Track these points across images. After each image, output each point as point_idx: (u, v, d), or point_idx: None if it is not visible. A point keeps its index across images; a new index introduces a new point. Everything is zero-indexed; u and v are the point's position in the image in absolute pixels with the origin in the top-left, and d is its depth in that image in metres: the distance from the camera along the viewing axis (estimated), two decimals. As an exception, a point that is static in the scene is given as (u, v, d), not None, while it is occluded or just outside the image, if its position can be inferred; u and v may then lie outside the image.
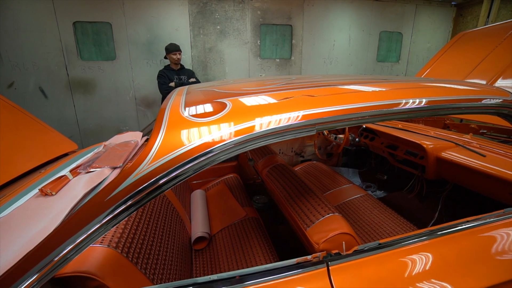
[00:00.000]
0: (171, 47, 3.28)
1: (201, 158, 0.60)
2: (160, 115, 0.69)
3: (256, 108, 0.67)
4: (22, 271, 0.55)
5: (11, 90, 3.63)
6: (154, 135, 0.62)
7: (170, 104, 0.76)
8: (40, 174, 1.39)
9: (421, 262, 0.79)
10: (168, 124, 0.65)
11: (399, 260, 0.78)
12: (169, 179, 0.59)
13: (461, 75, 2.63)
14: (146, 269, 0.91)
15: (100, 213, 0.57)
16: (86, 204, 0.59)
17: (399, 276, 0.74)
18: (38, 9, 3.48)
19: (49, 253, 0.56)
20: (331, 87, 0.83)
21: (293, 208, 1.10)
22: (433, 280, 0.75)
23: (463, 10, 5.34)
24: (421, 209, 2.00)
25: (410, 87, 0.85)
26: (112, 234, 0.87)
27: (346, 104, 0.72)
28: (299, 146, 2.67)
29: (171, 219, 1.34)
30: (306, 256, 0.76)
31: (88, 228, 0.56)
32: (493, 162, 1.46)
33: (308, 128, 0.67)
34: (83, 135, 4.04)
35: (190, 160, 0.60)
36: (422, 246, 0.82)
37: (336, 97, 0.73)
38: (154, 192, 0.59)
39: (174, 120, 0.66)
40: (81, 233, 0.56)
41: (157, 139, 0.62)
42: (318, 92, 0.77)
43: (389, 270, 0.75)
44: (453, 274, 0.77)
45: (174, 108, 0.71)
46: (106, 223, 0.57)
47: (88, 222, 0.56)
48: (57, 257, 0.56)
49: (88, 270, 0.71)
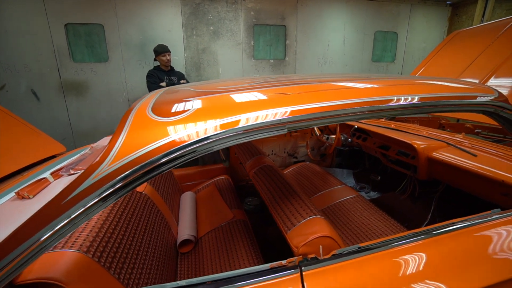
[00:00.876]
0: (159, 48, 3.17)
1: (164, 159, 0.58)
2: (125, 116, 0.67)
3: (224, 107, 0.65)
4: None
5: (3, 92, 3.61)
6: (116, 135, 0.60)
7: (139, 104, 0.74)
8: (20, 177, 1.36)
9: (403, 265, 0.76)
10: (131, 124, 0.62)
11: (379, 264, 0.75)
12: (130, 181, 0.57)
13: (454, 74, 2.61)
14: (120, 274, 0.88)
15: (56, 217, 0.54)
16: (42, 209, 0.56)
17: (379, 281, 0.71)
18: (29, 11, 3.46)
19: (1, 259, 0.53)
20: (306, 85, 0.80)
21: (276, 210, 1.08)
22: (413, 285, 0.72)
23: (458, 9, 5.34)
24: (414, 210, 1.98)
25: (387, 85, 0.82)
26: (84, 238, 0.85)
27: (320, 102, 0.69)
28: (292, 147, 2.64)
29: (154, 222, 1.31)
30: (281, 261, 0.73)
31: (42, 233, 0.53)
32: (484, 162, 1.44)
33: (279, 127, 0.64)
34: (76, 137, 4.01)
35: (152, 161, 0.57)
36: (405, 249, 0.79)
37: (309, 95, 0.71)
38: (114, 194, 0.56)
39: (138, 120, 0.64)
40: (34, 239, 0.53)
41: (119, 139, 0.59)
42: (292, 90, 0.74)
43: (368, 275, 0.72)
44: (437, 278, 0.74)
45: (141, 108, 0.69)
46: (62, 228, 0.55)
47: (43, 227, 0.54)
48: (9, 264, 0.53)
49: (53, 276, 0.68)
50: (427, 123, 3.08)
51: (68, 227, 0.55)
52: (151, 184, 1.53)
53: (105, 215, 1.00)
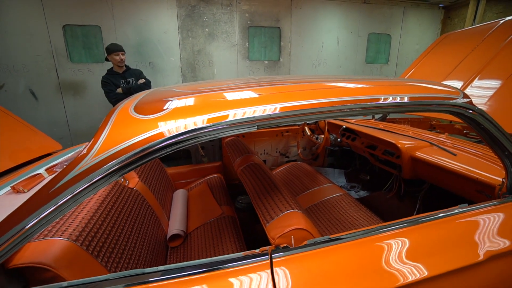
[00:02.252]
0: (112, 46, 2.89)
1: (143, 153, 0.64)
2: (109, 114, 0.73)
3: (199, 106, 0.71)
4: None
5: (2, 92, 3.67)
6: (100, 130, 0.66)
7: (122, 105, 0.80)
8: (16, 173, 1.42)
9: (368, 254, 0.82)
10: (114, 122, 0.68)
11: (345, 253, 0.81)
12: (112, 171, 0.63)
13: (442, 76, 2.68)
14: (108, 262, 0.94)
15: (43, 204, 0.60)
16: (32, 197, 0.62)
17: (342, 268, 0.77)
18: (28, 12, 3.52)
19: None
20: (279, 86, 0.86)
21: (258, 205, 1.14)
22: (374, 272, 0.78)
23: (451, 12, 5.43)
24: (399, 209, 2.04)
25: (353, 86, 0.89)
26: (74, 228, 0.91)
27: (289, 101, 0.75)
28: (284, 147, 2.70)
29: (144, 216, 1.37)
30: (254, 250, 0.79)
31: (31, 218, 0.59)
32: (462, 160, 1.50)
33: (249, 124, 0.70)
34: (73, 136, 4.07)
35: (132, 155, 0.63)
36: (370, 240, 0.84)
37: (279, 95, 0.77)
38: (97, 184, 0.62)
39: (121, 118, 0.70)
40: (22, 225, 0.59)
41: (102, 134, 0.65)
42: (265, 91, 0.81)
43: (332, 263, 0.78)
44: (396, 266, 0.80)
45: (124, 107, 0.75)
46: (50, 214, 0.61)
47: (31, 213, 0.60)
48: (1, 246, 0.59)
49: (43, 261, 0.74)
50: (418, 124, 3.15)
51: (56, 213, 0.61)
52: (143, 181, 1.59)
53: (95, 208, 1.06)
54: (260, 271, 0.72)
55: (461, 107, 0.97)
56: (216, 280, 0.70)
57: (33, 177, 1.31)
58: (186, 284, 0.69)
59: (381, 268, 0.78)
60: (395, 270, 0.78)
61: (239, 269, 0.73)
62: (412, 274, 0.78)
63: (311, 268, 0.75)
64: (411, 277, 0.77)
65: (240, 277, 0.70)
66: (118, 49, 2.92)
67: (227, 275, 0.71)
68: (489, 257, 0.88)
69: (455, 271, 0.83)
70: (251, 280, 0.70)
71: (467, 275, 0.87)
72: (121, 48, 2.95)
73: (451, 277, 0.84)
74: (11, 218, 0.61)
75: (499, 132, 1.01)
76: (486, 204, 1.03)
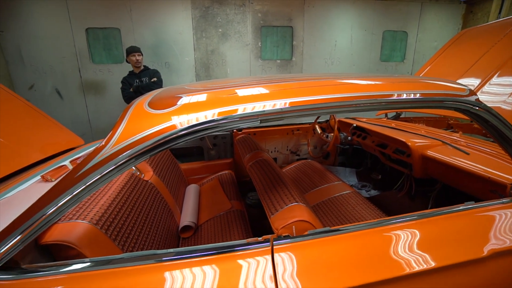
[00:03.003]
0: (129, 48, 3.14)
1: (156, 143, 0.71)
2: (126, 109, 0.81)
3: (206, 102, 0.77)
4: (6, 234, 0.68)
5: (31, 92, 3.95)
6: (118, 124, 0.74)
7: (138, 100, 0.88)
8: (44, 164, 1.57)
9: (366, 246, 0.84)
10: (130, 116, 0.76)
11: (344, 243, 0.84)
12: (128, 159, 0.70)
13: (459, 73, 2.60)
14: (124, 245, 1.03)
15: (70, 187, 0.69)
16: (61, 180, 0.71)
17: (341, 258, 0.81)
18: (55, 18, 3.78)
19: (27, 219, 0.68)
20: (284, 83, 0.91)
21: (264, 198, 1.19)
22: (367, 265, 0.80)
23: (474, 6, 5.19)
24: (410, 208, 2.01)
25: (359, 83, 0.91)
26: (95, 213, 1.00)
27: (290, 97, 0.80)
28: (294, 145, 2.73)
29: (158, 207, 1.46)
30: (256, 237, 0.84)
31: (60, 199, 0.68)
32: (475, 160, 1.47)
33: (252, 118, 0.76)
34: (94, 133, 4.30)
35: (146, 145, 0.70)
36: (370, 233, 0.87)
37: (280, 92, 0.82)
38: (115, 170, 0.70)
39: (136, 112, 0.77)
40: (54, 204, 0.68)
41: (120, 127, 0.73)
42: (270, 88, 0.85)
43: (332, 252, 0.81)
44: (392, 257, 0.82)
45: (139, 103, 0.83)
46: (76, 195, 0.69)
47: (61, 194, 0.68)
48: (35, 223, 0.68)
49: (69, 240, 0.84)
50: (434, 123, 3.07)
51: (81, 195, 0.69)
52: (157, 174, 1.68)
53: (114, 196, 1.16)
54: (260, 256, 0.77)
55: (466, 103, 0.97)
56: (221, 262, 0.76)
57: (59, 168, 1.43)
58: (193, 265, 0.75)
59: (381, 258, 0.81)
60: (395, 260, 0.80)
61: (242, 254, 0.78)
62: (412, 266, 0.80)
63: (310, 256, 0.79)
64: (410, 268, 0.80)
65: (242, 261, 0.76)
66: (135, 50, 3.13)
67: (231, 258, 0.77)
68: (492, 254, 0.88)
69: (456, 265, 0.84)
70: (251, 264, 0.75)
71: (470, 270, 0.88)
72: (138, 50, 3.14)
73: (452, 271, 0.85)
74: (43, 199, 0.70)
75: (507, 128, 1.00)
76: (494, 202, 1.02)
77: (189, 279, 0.72)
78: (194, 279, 0.72)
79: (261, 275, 0.73)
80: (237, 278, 0.73)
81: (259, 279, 0.73)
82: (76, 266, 0.73)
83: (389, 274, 0.78)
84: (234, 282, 0.72)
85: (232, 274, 0.74)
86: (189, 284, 0.71)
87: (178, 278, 0.72)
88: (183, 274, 0.72)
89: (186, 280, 0.71)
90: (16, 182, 1.31)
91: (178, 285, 0.71)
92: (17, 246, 0.68)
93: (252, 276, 0.73)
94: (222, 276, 0.73)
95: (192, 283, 0.71)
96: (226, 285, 0.72)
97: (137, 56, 3.13)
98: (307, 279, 0.74)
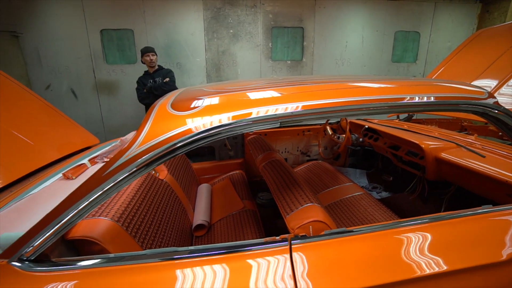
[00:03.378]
0: (144, 49, 3.20)
1: (179, 144, 0.74)
2: (150, 110, 0.84)
3: (227, 104, 0.79)
4: (39, 228, 0.72)
5: (48, 91, 4.08)
6: (143, 124, 0.77)
7: (160, 101, 0.91)
8: (64, 162, 1.63)
9: (382, 246, 0.85)
10: (154, 117, 0.79)
11: (360, 243, 0.85)
12: (153, 160, 0.73)
13: (474, 75, 2.55)
14: (143, 242, 1.06)
15: (99, 184, 0.72)
16: (89, 178, 0.74)
17: (358, 258, 0.82)
18: (71, 20, 3.90)
19: (60, 214, 0.72)
20: (301, 86, 0.92)
21: (279, 198, 1.20)
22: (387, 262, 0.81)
23: (490, 6, 5.06)
24: (422, 210, 1.99)
25: (374, 86, 0.92)
26: (116, 210, 1.04)
27: (310, 100, 0.81)
28: (305, 146, 2.73)
29: (173, 206, 1.49)
30: (274, 237, 0.86)
31: (90, 195, 0.71)
32: (491, 163, 1.45)
33: (272, 121, 0.78)
34: (107, 132, 4.41)
35: (170, 145, 0.73)
36: (385, 234, 0.88)
37: (301, 95, 0.83)
38: (141, 170, 0.73)
39: (160, 114, 0.80)
40: (86, 198, 0.71)
41: (145, 127, 0.76)
42: (287, 90, 0.87)
43: (348, 252, 0.83)
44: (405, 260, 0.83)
45: (162, 104, 0.86)
46: (105, 192, 0.72)
47: (91, 190, 0.72)
48: (65, 218, 0.72)
49: (93, 236, 0.87)
50: (447, 125, 3.01)
51: (109, 192, 0.73)
52: (171, 173, 1.72)
53: (132, 194, 1.19)
54: (279, 255, 0.79)
55: (485, 107, 0.96)
56: (237, 261, 0.78)
57: (79, 166, 1.48)
58: (211, 262, 0.77)
59: (396, 259, 0.81)
60: (412, 262, 0.81)
61: (260, 252, 0.80)
62: (430, 268, 0.80)
63: (327, 255, 0.81)
64: (427, 270, 0.80)
65: (260, 259, 0.78)
66: (149, 50, 3.19)
67: (250, 256, 0.79)
68: (511, 259, 0.87)
69: (474, 268, 0.84)
70: (271, 262, 0.77)
71: (487, 274, 0.87)
72: (152, 50, 3.20)
73: (470, 274, 0.85)
74: (73, 195, 0.74)
75: (528, 132, 0.99)
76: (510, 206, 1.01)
77: (210, 275, 0.74)
78: (214, 276, 0.74)
79: (280, 273, 0.75)
80: (257, 276, 0.75)
81: (278, 277, 0.74)
82: (103, 261, 0.76)
83: (405, 275, 0.79)
84: (253, 280, 0.74)
85: (251, 272, 0.76)
86: (210, 281, 0.73)
87: (199, 274, 0.74)
88: (203, 271, 0.75)
89: (207, 276, 0.74)
90: (40, 179, 1.37)
91: (200, 281, 0.73)
92: (50, 239, 0.72)
93: (272, 274, 0.75)
94: (241, 273, 0.75)
95: (213, 280, 0.73)
96: (245, 282, 0.74)
97: (151, 56, 3.19)
98: (325, 278, 0.76)
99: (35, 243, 0.72)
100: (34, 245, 0.72)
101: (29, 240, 0.72)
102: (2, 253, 0.74)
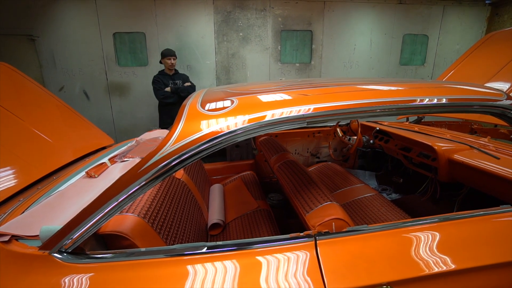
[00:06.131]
0: (166, 51, 3.30)
1: (211, 142, 0.77)
2: (181, 109, 0.88)
3: (257, 104, 0.82)
4: (77, 222, 0.76)
5: (61, 93, 4.18)
6: (176, 123, 0.81)
7: (189, 101, 0.94)
8: (86, 161, 1.68)
9: (404, 243, 0.87)
10: (187, 116, 0.82)
11: (384, 240, 0.88)
12: (186, 157, 0.76)
13: (485, 78, 2.55)
14: (167, 238, 1.10)
15: (135, 180, 0.76)
16: (125, 174, 0.78)
17: (380, 252, 0.84)
18: (85, 23, 4.00)
19: (98, 208, 0.75)
20: (325, 88, 0.95)
21: (296, 197, 1.23)
22: (412, 258, 0.83)
23: (499, 8, 5.04)
24: (434, 212, 1.99)
25: (395, 88, 0.95)
26: (141, 207, 1.07)
27: (335, 101, 0.84)
28: (315, 147, 2.76)
29: (190, 204, 1.53)
30: (298, 233, 0.89)
31: (127, 190, 0.75)
32: (506, 164, 1.45)
33: (300, 121, 0.81)
34: (117, 133, 4.48)
35: (203, 144, 0.77)
36: (407, 231, 0.90)
37: (326, 96, 0.86)
38: (175, 167, 0.76)
39: (191, 113, 0.84)
40: (122, 194, 0.75)
41: (178, 126, 0.80)
42: (312, 92, 0.90)
43: (371, 247, 0.85)
44: (426, 254, 0.85)
45: (192, 104, 0.89)
46: (141, 188, 0.76)
47: (127, 186, 0.75)
48: (103, 212, 0.76)
49: (123, 231, 0.91)
50: (456, 127, 3.01)
51: (144, 188, 0.76)
52: (187, 173, 1.76)
53: (155, 192, 1.23)
54: (306, 250, 0.82)
55: (504, 108, 0.98)
56: (264, 255, 0.81)
57: (100, 165, 1.53)
58: (238, 257, 0.81)
59: (421, 255, 0.83)
60: (432, 258, 0.83)
61: (286, 247, 0.83)
62: (449, 264, 0.83)
63: (351, 250, 0.83)
64: (445, 267, 0.82)
65: (289, 253, 0.81)
66: (171, 54, 3.33)
67: (278, 251, 0.82)
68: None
69: (491, 266, 0.85)
70: (300, 257, 0.80)
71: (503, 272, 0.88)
72: (173, 53, 3.34)
73: (487, 272, 0.86)
74: (107, 193, 0.77)
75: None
76: None
77: (246, 268, 0.78)
78: (249, 268, 0.78)
79: (307, 267, 0.78)
80: (286, 270, 0.77)
81: (306, 271, 0.77)
82: (134, 255, 0.80)
83: (426, 271, 0.81)
84: (283, 272, 0.77)
85: (279, 266, 0.79)
86: (245, 273, 0.77)
87: (231, 267, 0.78)
88: (240, 263, 0.79)
89: (244, 269, 0.78)
90: (64, 177, 1.42)
91: (233, 272, 0.76)
92: (88, 232, 0.76)
93: (301, 268, 0.77)
94: (270, 266, 0.78)
95: (247, 273, 0.77)
96: (274, 276, 0.77)
97: (173, 60, 3.34)
98: (350, 272, 0.78)
99: (74, 236, 0.76)
100: (73, 238, 0.76)
101: (68, 233, 0.76)
102: (43, 245, 0.78)
